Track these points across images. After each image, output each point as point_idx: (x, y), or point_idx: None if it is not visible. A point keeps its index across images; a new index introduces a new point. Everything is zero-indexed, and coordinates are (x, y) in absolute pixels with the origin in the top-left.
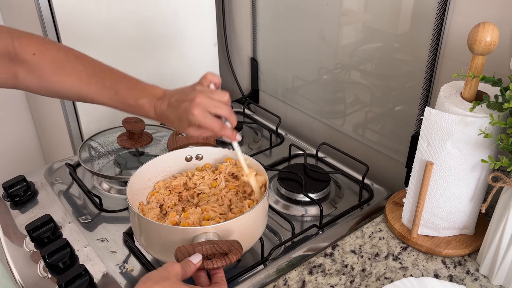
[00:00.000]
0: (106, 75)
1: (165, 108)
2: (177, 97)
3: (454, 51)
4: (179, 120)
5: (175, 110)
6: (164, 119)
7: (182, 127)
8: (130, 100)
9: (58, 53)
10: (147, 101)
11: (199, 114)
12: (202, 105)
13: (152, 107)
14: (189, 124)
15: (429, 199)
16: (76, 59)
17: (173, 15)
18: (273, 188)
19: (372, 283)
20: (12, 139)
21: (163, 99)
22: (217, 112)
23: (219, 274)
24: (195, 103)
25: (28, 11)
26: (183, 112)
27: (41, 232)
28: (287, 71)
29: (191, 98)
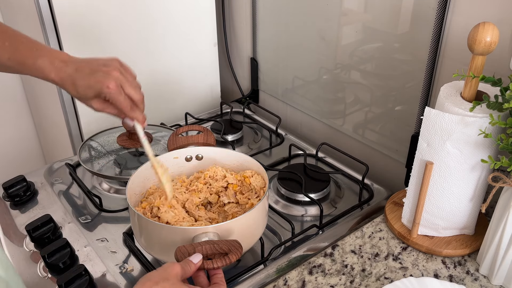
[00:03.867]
0: (7, 36)
1: (70, 73)
2: (90, 65)
3: (454, 51)
4: (87, 88)
5: (86, 77)
6: (68, 83)
7: (86, 96)
8: (29, 60)
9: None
10: (48, 62)
11: (114, 88)
12: (118, 81)
13: (54, 69)
14: (96, 94)
15: (429, 199)
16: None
17: (173, 15)
18: (273, 188)
19: (372, 283)
20: (12, 139)
21: (68, 63)
22: (131, 93)
23: (218, 275)
24: (112, 76)
25: (28, 8)
26: (95, 82)
27: (41, 232)
28: (287, 71)
29: (107, 71)
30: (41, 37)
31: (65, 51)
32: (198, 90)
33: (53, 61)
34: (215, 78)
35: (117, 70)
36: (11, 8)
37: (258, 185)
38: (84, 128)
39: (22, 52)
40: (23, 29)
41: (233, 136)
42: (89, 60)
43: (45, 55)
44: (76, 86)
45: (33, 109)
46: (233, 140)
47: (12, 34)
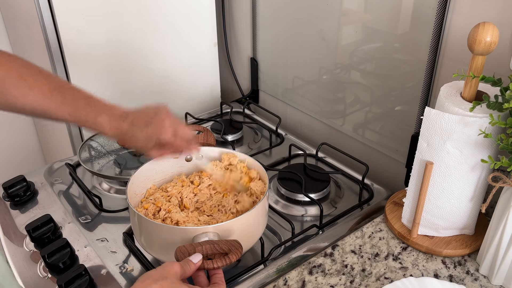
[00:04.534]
0: (67, 90)
1: (127, 127)
2: (143, 117)
3: (454, 51)
4: (147, 139)
5: (142, 130)
6: (127, 137)
7: (146, 147)
8: (89, 117)
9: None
10: (107, 118)
11: (170, 135)
12: (172, 127)
13: (112, 125)
14: (155, 144)
15: (429, 199)
16: (38, 73)
17: (173, 15)
18: (273, 188)
19: (372, 283)
20: (12, 139)
21: (125, 118)
22: (184, 134)
23: (218, 275)
24: (166, 124)
25: (29, 12)
26: (152, 133)
27: (41, 232)
28: (287, 71)
29: (160, 120)
30: (42, 41)
31: (65, 51)
32: (198, 90)
33: (111, 118)
34: (215, 78)
35: (168, 118)
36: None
37: (259, 190)
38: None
39: (82, 110)
40: (24, 33)
41: (233, 136)
42: (141, 112)
43: (103, 112)
44: (136, 139)
45: None
46: (233, 140)
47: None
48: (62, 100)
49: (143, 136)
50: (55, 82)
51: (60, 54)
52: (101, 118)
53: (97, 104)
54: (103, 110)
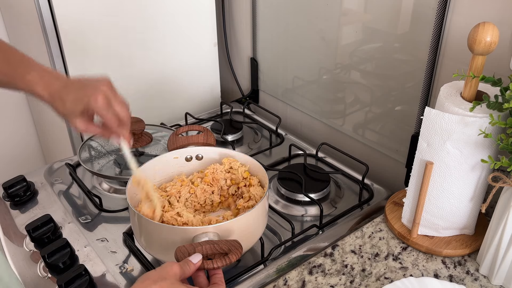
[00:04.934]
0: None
1: (59, 87)
2: (80, 81)
3: (454, 51)
4: (76, 101)
5: (75, 91)
6: (56, 98)
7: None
8: (18, 73)
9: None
10: (37, 76)
11: (102, 103)
12: (107, 96)
13: (42, 83)
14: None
15: (429, 199)
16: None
17: (173, 15)
18: (273, 188)
19: (372, 283)
20: (12, 139)
21: (58, 78)
22: (119, 109)
23: (218, 275)
24: (100, 90)
25: (28, 12)
26: (83, 95)
27: (41, 232)
28: (287, 71)
29: (96, 86)
30: (41, 39)
31: (65, 50)
32: (198, 90)
33: (43, 76)
34: (215, 78)
35: (106, 86)
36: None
37: (258, 194)
38: None
39: (13, 66)
40: (24, 29)
41: (233, 136)
42: (79, 77)
43: (34, 70)
44: (64, 100)
45: (33, 109)
46: (233, 140)
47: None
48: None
49: (72, 97)
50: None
51: (60, 55)
52: (30, 75)
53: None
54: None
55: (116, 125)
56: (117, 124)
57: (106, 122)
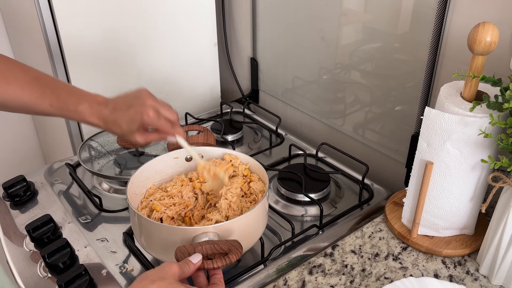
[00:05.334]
0: (45, 82)
1: (109, 113)
2: (125, 101)
3: (454, 51)
4: (130, 122)
5: (124, 113)
6: (110, 123)
7: (130, 131)
8: (71, 106)
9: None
10: (88, 106)
11: (153, 115)
12: (154, 107)
13: (94, 112)
14: (138, 127)
15: (429, 199)
16: (15, 66)
17: (173, 15)
18: (273, 188)
19: (372, 283)
20: (12, 139)
21: (106, 104)
22: (167, 115)
23: (217, 275)
24: (148, 105)
25: (29, 13)
26: (134, 114)
27: (41, 232)
28: (287, 71)
29: (142, 102)
30: (42, 40)
31: (65, 51)
32: (198, 90)
33: (92, 105)
34: (215, 78)
35: (150, 99)
36: (12, 14)
37: (258, 189)
38: (84, 128)
39: (63, 99)
40: (25, 33)
41: (233, 136)
42: (122, 97)
43: (84, 101)
44: (119, 123)
45: None
46: (233, 140)
47: (51, 81)
48: (42, 92)
49: (125, 119)
50: (32, 73)
51: (60, 54)
52: (82, 107)
53: (78, 93)
54: (84, 98)
55: (170, 128)
56: (170, 126)
57: (161, 129)
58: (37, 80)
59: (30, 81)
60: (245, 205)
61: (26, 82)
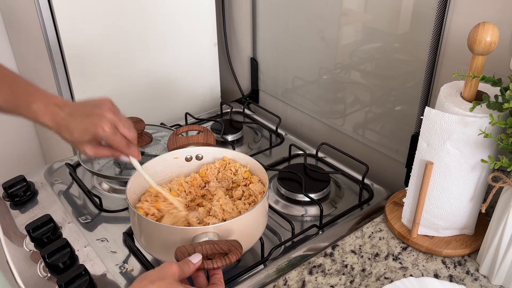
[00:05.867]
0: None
1: (64, 117)
2: (83, 108)
3: (454, 51)
4: (82, 132)
5: (80, 121)
6: (62, 128)
7: (81, 140)
8: (24, 103)
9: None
10: (42, 105)
11: (109, 130)
12: (112, 122)
13: (48, 113)
14: (91, 138)
15: (429, 199)
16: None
17: (173, 15)
18: (273, 188)
19: (372, 283)
20: (12, 139)
21: (63, 107)
22: (125, 132)
23: (217, 275)
24: (106, 118)
25: (28, 13)
26: (89, 125)
27: (41, 232)
28: (287, 71)
29: (101, 113)
30: (42, 40)
31: (65, 50)
32: (198, 90)
33: (48, 105)
34: (215, 78)
35: (110, 111)
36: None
37: (258, 190)
38: None
39: (18, 95)
40: (25, 34)
41: (233, 136)
42: (82, 103)
43: (39, 99)
44: (71, 130)
45: None
46: (233, 140)
47: (11, 77)
48: None
49: (79, 128)
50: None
51: (60, 54)
52: (36, 105)
53: (36, 92)
54: (40, 97)
55: (125, 147)
56: (126, 145)
57: (114, 146)
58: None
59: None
60: (244, 207)
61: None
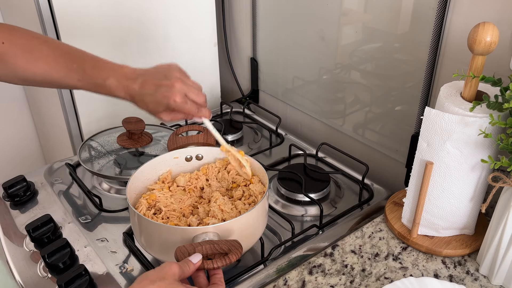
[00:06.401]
0: (72, 57)
1: (137, 89)
2: (153, 80)
3: (454, 51)
4: (156, 104)
5: (152, 94)
6: (137, 100)
7: (157, 111)
8: (98, 80)
9: (27, 40)
10: (115, 81)
11: (180, 100)
12: (182, 91)
13: (121, 87)
14: (165, 108)
15: (429, 199)
16: (43, 43)
17: (173, 14)
18: (273, 188)
19: (372, 283)
20: (12, 139)
21: (135, 80)
22: (195, 98)
23: (217, 275)
24: (175, 89)
25: (28, 9)
26: (161, 97)
27: (41, 232)
28: (287, 71)
29: (170, 84)
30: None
31: None
32: None
33: (120, 80)
34: (215, 78)
35: (179, 81)
36: (11, 5)
37: (258, 190)
38: (84, 128)
39: (90, 73)
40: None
41: (233, 136)
42: (152, 73)
43: (111, 74)
44: (146, 103)
45: (33, 109)
46: (233, 140)
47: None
48: (69, 67)
49: (152, 101)
50: (60, 49)
51: None
52: (109, 81)
53: (105, 66)
54: (112, 72)
55: (196, 111)
56: (196, 109)
57: (187, 113)
58: (64, 56)
59: (56, 57)
60: (244, 207)
61: (53, 59)
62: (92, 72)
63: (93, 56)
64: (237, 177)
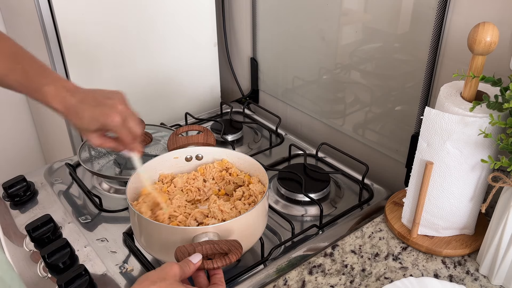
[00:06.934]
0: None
1: (75, 103)
2: (95, 97)
3: (454, 51)
4: (91, 120)
5: (91, 108)
6: (72, 113)
7: (89, 128)
8: (36, 84)
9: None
10: (53, 89)
11: (118, 122)
12: (123, 114)
13: (58, 97)
14: (99, 127)
15: (429, 199)
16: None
17: (173, 15)
18: (273, 188)
19: (372, 283)
20: (12, 139)
21: (74, 93)
22: (133, 128)
23: (218, 275)
24: (117, 109)
25: (28, 10)
26: (100, 114)
27: (41, 232)
28: (287, 71)
29: (112, 104)
30: (41, 39)
31: (65, 51)
32: (198, 90)
33: (59, 90)
34: (215, 78)
35: (122, 103)
36: (11, 9)
37: (258, 190)
38: None
39: (31, 77)
40: (24, 30)
41: (233, 136)
42: (94, 92)
43: (51, 82)
44: (81, 117)
45: (33, 109)
46: (233, 140)
47: (26, 57)
48: (12, 67)
49: (88, 115)
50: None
51: (60, 55)
52: (47, 88)
53: (49, 75)
54: (52, 81)
55: (130, 141)
56: (131, 139)
57: (121, 138)
58: (12, 56)
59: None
60: (244, 207)
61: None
62: (34, 76)
63: (42, 64)
64: (237, 179)
